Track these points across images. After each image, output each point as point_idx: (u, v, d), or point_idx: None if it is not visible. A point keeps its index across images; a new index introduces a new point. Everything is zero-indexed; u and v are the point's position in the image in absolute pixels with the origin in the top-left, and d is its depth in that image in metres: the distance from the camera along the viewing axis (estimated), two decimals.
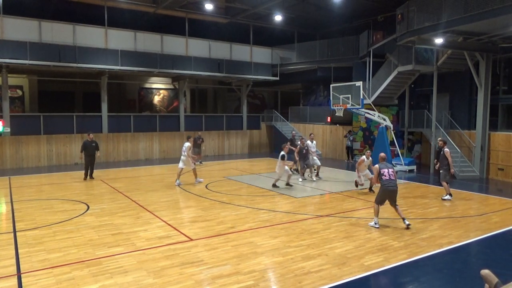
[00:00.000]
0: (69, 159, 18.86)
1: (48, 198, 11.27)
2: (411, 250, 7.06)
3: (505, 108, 16.48)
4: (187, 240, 7.49)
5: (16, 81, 20.91)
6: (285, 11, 21.14)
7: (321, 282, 5.66)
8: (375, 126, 19.27)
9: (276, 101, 30.00)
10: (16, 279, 5.68)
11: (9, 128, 17.50)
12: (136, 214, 9.42)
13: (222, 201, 10.84)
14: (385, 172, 8.18)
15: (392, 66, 18.43)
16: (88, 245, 7.11)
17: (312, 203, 10.91)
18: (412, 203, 10.82)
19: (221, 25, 23.18)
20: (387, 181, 8.15)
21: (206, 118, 23.87)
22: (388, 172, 8.16)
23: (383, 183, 8.19)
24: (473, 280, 5.60)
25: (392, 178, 8.16)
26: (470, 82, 17.04)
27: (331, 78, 22.70)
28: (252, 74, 23.26)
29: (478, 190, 13.38)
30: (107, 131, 19.92)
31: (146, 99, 26.51)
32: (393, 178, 8.17)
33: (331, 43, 22.72)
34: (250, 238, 7.61)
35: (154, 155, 21.31)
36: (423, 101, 19.43)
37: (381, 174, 8.20)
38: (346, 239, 7.59)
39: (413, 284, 5.75)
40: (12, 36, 16.54)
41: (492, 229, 8.45)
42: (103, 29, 18.84)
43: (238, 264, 6.27)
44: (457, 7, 12.59)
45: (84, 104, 24.12)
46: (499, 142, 15.50)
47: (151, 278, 5.71)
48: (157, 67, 19.88)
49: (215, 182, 14.04)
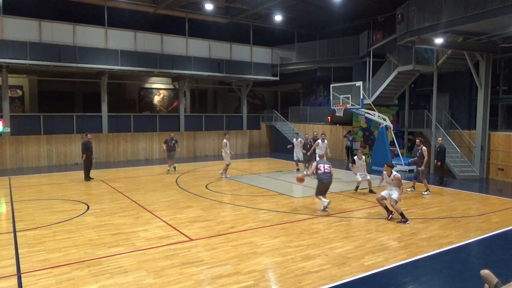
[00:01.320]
0: (69, 159, 18.86)
1: (48, 198, 11.27)
2: (411, 250, 7.06)
3: (505, 108, 16.48)
4: (187, 240, 7.49)
5: (16, 81, 20.91)
6: (285, 11, 21.14)
7: (321, 282, 5.66)
8: (375, 126, 19.27)
9: (276, 101, 30.01)
10: (16, 279, 5.69)
11: (9, 128, 17.51)
12: (136, 214, 9.42)
13: (222, 201, 10.85)
14: (321, 167, 9.60)
15: (392, 66, 18.43)
16: (88, 245, 7.11)
17: (312, 203, 10.91)
18: (412, 203, 10.81)
19: (221, 25, 23.18)
20: (322, 174, 9.55)
21: (206, 118, 23.87)
22: (324, 167, 9.60)
23: (319, 176, 9.63)
24: (473, 280, 5.59)
25: (326, 172, 9.55)
26: (470, 82, 17.04)
27: (331, 78, 22.71)
28: (252, 74, 23.26)
29: (478, 190, 13.37)
30: (107, 131, 19.93)
31: (146, 99, 26.52)
32: (327, 171, 9.55)
33: (331, 43, 22.72)
34: (250, 238, 7.62)
35: (154, 155, 21.31)
36: (423, 101, 19.42)
37: (318, 169, 9.63)
38: (346, 239, 7.59)
39: (413, 284, 5.75)
40: (12, 36, 16.54)
41: (492, 229, 8.45)
42: (103, 29, 18.84)
43: (238, 264, 6.27)
44: (457, 7, 12.59)
45: (84, 104, 24.13)
46: (499, 142, 15.51)
47: (151, 278, 5.71)
48: (157, 67, 19.89)
49: (215, 182, 14.04)
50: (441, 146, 13.85)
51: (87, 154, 14.04)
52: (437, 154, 14.04)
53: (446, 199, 11.60)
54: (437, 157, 14.08)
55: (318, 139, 15.11)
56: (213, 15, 21.59)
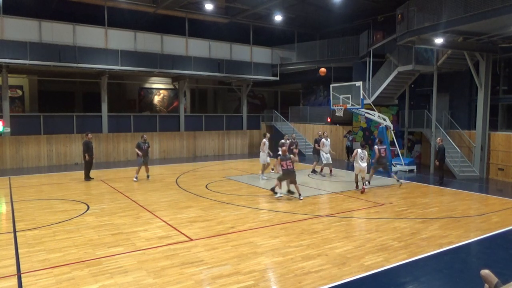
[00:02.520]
0: (69, 159, 18.86)
1: (48, 198, 11.27)
2: (411, 250, 7.06)
3: (505, 108, 16.47)
4: (187, 240, 7.49)
5: (16, 81, 20.91)
6: (285, 11, 21.14)
7: (321, 282, 5.66)
8: (375, 126, 19.27)
9: (276, 101, 30.00)
10: (16, 279, 5.69)
11: (9, 128, 17.50)
12: (136, 214, 9.42)
13: (222, 201, 10.85)
14: (283, 163, 10.93)
15: (392, 66, 18.43)
16: (88, 245, 7.11)
17: (312, 203, 10.91)
18: (412, 203, 10.82)
19: (221, 25, 23.18)
20: (285, 170, 10.95)
21: (206, 118, 23.86)
22: (286, 163, 10.91)
23: (283, 170, 11.04)
24: (473, 280, 5.60)
25: (289, 168, 10.92)
26: (470, 82, 17.04)
27: (331, 78, 22.70)
28: (252, 74, 23.25)
29: (478, 190, 13.37)
30: (107, 131, 19.92)
31: (146, 99, 26.52)
32: (290, 167, 10.91)
33: (331, 43, 22.71)
34: (250, 238, 7.62)
35: (154, 155, 21.29)
36: (423, 101, 19.42)
37: (281, 165, 10.99)
38: (346, 239, 7.59)
39: (413, 284, 5.75)
40: (12, 36, 16.54)
41: (492, 229, 8.45)
42: (103, 29, 18.83)
43: (238, 264, 6.27)
44: (457, 7, 12.59)
45: (84, 104, 24.13)
46: (499, 142, 15.51)
47: (151, 278, 5.71)
48: (157, 67, 19.88)
49: (215, 182, 14.03)
50: (440, 146, 13.85)
51: (89, 154, 14.05)
52: (436, 154, 14.05)
53: (446, 199, 11.60)
54: (436, 157, 14.09)
55: (322, 139, 15.49)
56: (213, 15, 21.59)
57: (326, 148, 15.36)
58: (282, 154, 11.36)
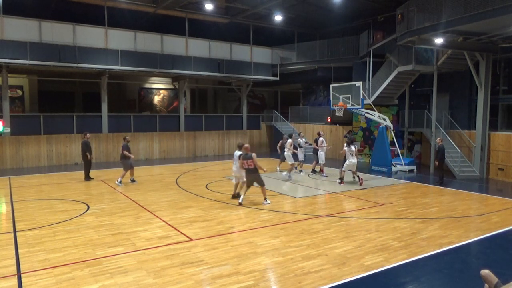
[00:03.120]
0: (69, 159, 18.86)
1: (48, 198, 11.27)
2: (411, 250, 7.06)
3: (505, 108, 16.47)
4: (187, 240, 7.49)
5: (16, 81, 20.92)
6: (285, 11, 21.13)
7: (321, 282, 5.66)
8: (375, 126, 19.27)
9: (276, 101, 30.00)
10: (16, 279, 5.68)
11: (9, 128, 17.51)
12: (136, 214, 9.42)
13: (222, 201, 10.85)
14: (244, 162, 10.47)
15: (392, 66, 18.43)
16: (88, 245, 7.11)
17: (312, 203, 10.91)
18: (412, 203, 10.82)
19: (221, 25, 23.18)
20: (247, 169, 10.48)
21: (206, 118, 23.87)
22: (247, 162, 10.43)
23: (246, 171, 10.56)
24: (473, 280, 5.60)
25: (250, 167, 10.45)
26: (470, 82, 17.04)
27: (331, 78, 22.70)
28: (252, 74, 23.26)
29: (478, 190, 13.37)
30: (107, 131, 19.92)
31: (146, 99, 26.52)
32: (251, 167, 10.42)
33: (331, 43, 22.72)
34: (250, 238, 7.61)
35: (154, 155, 21.31)
36: (423, 101, 19.42)
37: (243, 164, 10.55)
38: (346, 239, 7.59)
39: (413, 284, 5.75)
40: (12, 36, 16.54)
41: (492, 229, 8.45)
42: (103, 29, 18.84)
43: (238, 264, 6.27)
44: (457, 7, 12.59)
45: (84, 104, 24.13)
46: (499, 142, 15.50)
47: (151, 278, 5.71)
48: (157, 67, 19.88)
49: (215, 182, 14.03)
50: (440, 146, 13.85)
51: (89, 153, 14.05)
52: (436, 154, 14.04)
53: (446, 199, 11.60)
54: (436, 157, 14.08)
55: (320, 138, 15.63)
56: (213, 15, 21.59)
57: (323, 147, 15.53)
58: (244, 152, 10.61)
